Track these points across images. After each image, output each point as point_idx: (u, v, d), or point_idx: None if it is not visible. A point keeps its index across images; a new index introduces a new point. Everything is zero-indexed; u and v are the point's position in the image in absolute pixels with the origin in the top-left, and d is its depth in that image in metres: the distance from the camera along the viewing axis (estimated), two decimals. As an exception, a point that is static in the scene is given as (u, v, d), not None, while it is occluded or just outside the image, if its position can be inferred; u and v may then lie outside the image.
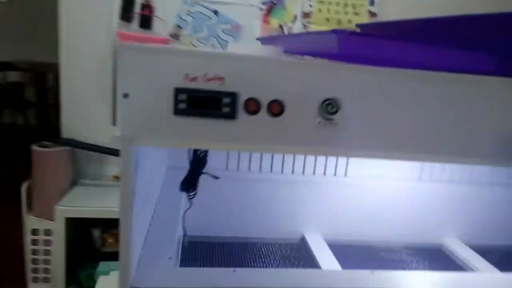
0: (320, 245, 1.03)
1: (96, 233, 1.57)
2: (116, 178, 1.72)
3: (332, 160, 1.10)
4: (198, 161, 0.66)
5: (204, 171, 0.67)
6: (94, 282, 1.49)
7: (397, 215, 1.11)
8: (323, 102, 0.53)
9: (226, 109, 0.52)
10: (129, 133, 0.51)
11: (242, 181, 1.04)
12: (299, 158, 1.09)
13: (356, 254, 1.05)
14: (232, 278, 0.61)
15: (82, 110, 1.69)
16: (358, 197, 1.10)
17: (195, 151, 0.65)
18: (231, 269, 0.64)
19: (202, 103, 0.51)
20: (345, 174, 1.11)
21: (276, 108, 0.52)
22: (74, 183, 1.65)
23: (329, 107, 0.53)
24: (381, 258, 1.05)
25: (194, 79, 0.51)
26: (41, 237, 1.49)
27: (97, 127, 1.71)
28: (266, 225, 1.07)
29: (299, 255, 1.00)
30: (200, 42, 1.67)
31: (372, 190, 1.10)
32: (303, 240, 1.08)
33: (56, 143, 1.57)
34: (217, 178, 0.75)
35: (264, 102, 0.52)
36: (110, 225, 1.59)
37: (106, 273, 1.00)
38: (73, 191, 1.58)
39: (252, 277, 0.62)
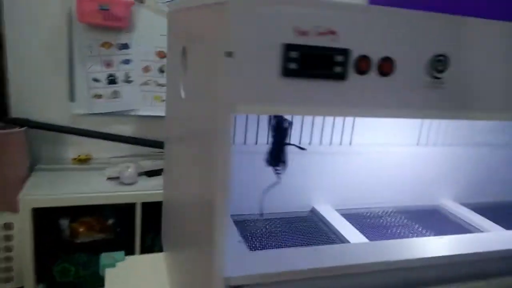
0: (335, 216, 1.00)
1: (64, 223, 1.41)
2: (79, 161, 1.55)
3: (338, 128, 1.07)
4: (281, 131, 0.58)
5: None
6: (70, 276, 1.35)
7: (397, 179, 1.12)
8: (432, 59, 0.48)
9: (337, 69, 0.45)
10: (231, 99, 0.43)
11: (248, 153, 0.97)
12: (306, 128, 1.04)
13: (366, 222, 1.05)
14: (318, 257, 0.56)
15: (34, 86, 1.48)
16: (362, 165, 1.09)
17: (279, 120, 0.58)
18: (311, 248, 0.59)
19: (314, 61, 0.44)
20: (350, 143, 1.09)
21: (387, 67, 0.47)
22: (30, 169, 1.45)
23: (438, 65, 0.49)
24: (391, 223, 1.05)
25: (304, 33, 0.43)
26: (0, 232, 1.30)
27: (52, 104, 1.51)
28: (275, 199, 1.02)
29: (318, 227, 0.97)
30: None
31: (374, 157, 1.10)
32: (313, 211, 1.05)
33: (8, 123, 1.36)
34: (303, 149, 0.68)
35: (375, 60, 0.46)
36: (78, 214, 1.43)
37: (112, 265, 0.89)
38: (32, 177, 1.39)
39: (337, 254, 0.57)
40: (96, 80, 1.53)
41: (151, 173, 1.49)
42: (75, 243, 1.41)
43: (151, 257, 0.97)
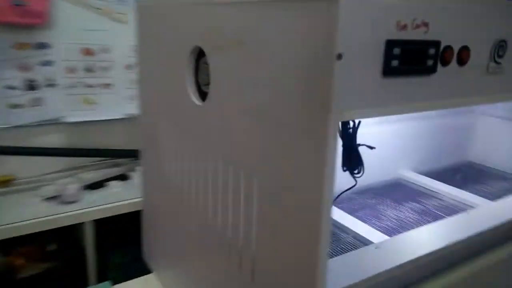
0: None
1: (-2, 258, 1.20)
2: (2, 183, 1.32)
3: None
4: (350, 132, 0.53)
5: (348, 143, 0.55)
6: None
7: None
8: (495, 45, 0.49)
9: (430, 62, 0.43)
10: (340, 105, 0.38)
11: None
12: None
13: (347, 206, 1.06)
14: (384, 255, 0.54)
15: None
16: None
17: (345, 122, 0.53)
18: (371, 246, 0.57)
19: (412, 57, 0.42)
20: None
21: (465, 56, 0.46)
22: None
23: (500, 50, 0.49)
24: (369, 203, 1.08)
25: (404, 27, 0.40)
26: None
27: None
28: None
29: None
30: (88, -1, 1.35)
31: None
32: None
33: None
34: (372, 148, 0.63)
35: (455, 50, 0.45)
36: (12, 244, 1.22)
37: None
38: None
39: (400, 248, 0.56)
40: (10, 87, 1.30)
41: (95, 186, 1.33)
42: (17, 280, 1.20)
43: (140, 281, 0.87)
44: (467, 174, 1.25)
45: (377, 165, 1.18)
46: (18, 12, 1.20)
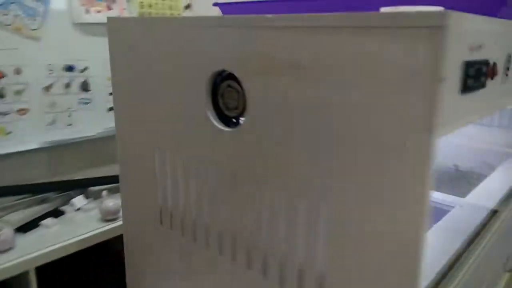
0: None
1: None
2: None
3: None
4: None
5: None
6: None
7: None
8: (506, 59, 0.56)
9: (483, 79, 0.48)
10: (438, 124, 0.40)
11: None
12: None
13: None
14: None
15: None
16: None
17: None
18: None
19: (477, 75, 0.46)
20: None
21: (496, 71, 0.52)
22: None
23: (508, 63, 0.57)
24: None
25: (472, 48, 0.44)
26: None
27: None
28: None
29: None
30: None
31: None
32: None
33: None
34: None
35: (489, 66, 0.51)
36: None
37: None
38: None
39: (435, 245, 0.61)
40: None
41: (28, 227, 1.15)
42: None
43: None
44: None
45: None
46: None
